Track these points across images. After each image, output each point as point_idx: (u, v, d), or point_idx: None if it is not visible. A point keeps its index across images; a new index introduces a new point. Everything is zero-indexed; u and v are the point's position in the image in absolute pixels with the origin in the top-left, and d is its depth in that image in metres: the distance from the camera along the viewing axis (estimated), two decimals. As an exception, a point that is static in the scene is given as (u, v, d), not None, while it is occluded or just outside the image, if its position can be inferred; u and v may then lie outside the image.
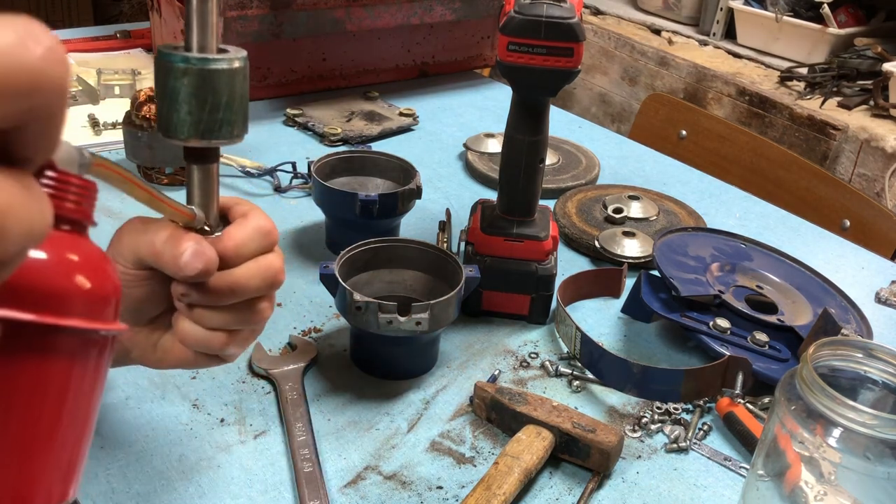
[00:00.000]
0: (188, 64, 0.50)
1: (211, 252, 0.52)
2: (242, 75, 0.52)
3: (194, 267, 0.51)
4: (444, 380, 0.84)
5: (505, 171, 0.90)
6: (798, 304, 0.94)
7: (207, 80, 0.50)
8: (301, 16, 1.37)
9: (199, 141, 0.52)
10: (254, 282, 0.54)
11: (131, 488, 0.68)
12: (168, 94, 0.51)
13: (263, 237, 0.55)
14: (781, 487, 0.65)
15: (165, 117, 0.52)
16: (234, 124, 0.52)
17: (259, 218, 0.56)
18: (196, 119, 0.51)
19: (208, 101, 0.51)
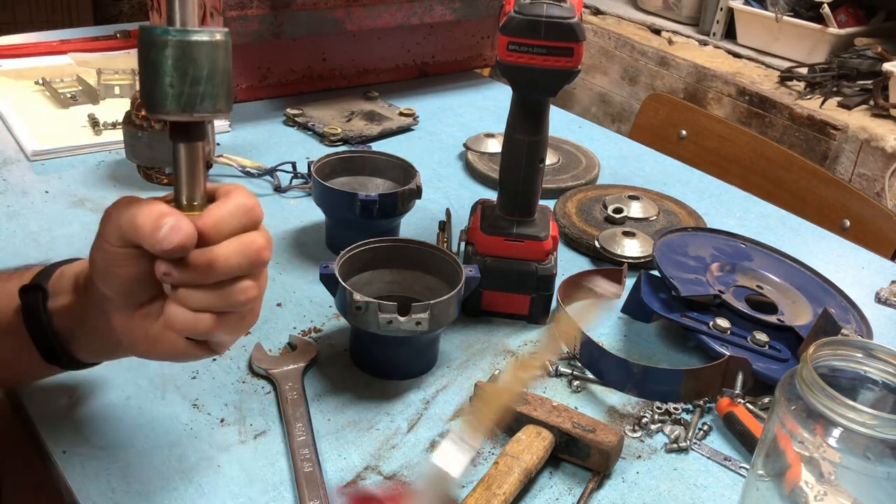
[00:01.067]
0: (169, 35, 0.50)
1: (189, 227, 0.52)
2: (224, 48, 0.52)
3: (171, 241, 0.51)
4: (444, 380, 0.84)
5: (505, 171, 0.90)
6: (798, 304, 0.94)
7: (188, 52, 0.51)
8: (301, 16, 1.37)
9: (182, 114, 0.52)
10: (234, 258, 0.54)
11: (131, 488, 0.68)
12: (150, 68, 0.51)
13: (244, 214, 0.55)
14: (781, 487, 0.65)
15: (149, 92, 0.52)
16: (216, 97, 0.52)
17: (241, 196, 0.56)
18: (178, 91, 0.51)
19: (189, 73, 0.51)
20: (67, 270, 0.64)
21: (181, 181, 0.55)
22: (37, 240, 1.01)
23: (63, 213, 1.07)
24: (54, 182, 1.14)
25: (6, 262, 0.96)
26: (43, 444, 0.72)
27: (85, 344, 0.64)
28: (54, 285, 0.63)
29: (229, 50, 0.53)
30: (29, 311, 0.63)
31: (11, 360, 0.67)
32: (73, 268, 0.64)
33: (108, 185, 1.14)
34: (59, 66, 1.48)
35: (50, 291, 0.63)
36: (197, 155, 0.55)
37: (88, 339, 0.63)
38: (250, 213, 0.55)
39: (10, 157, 1.20)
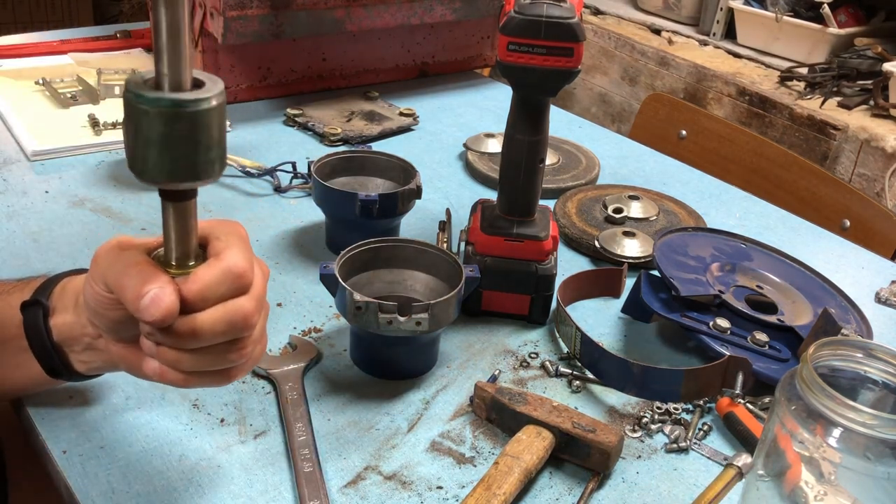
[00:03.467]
0: (160, 106, 0.46)
1: (170, 299, 0.50)
2: (219, 113, 0.48)
3: (151, 314, 0.50)
4: (444, 380, 0.84)
5: (505, 171, 0.90)
6: (798, 304, 0.94)
7: (182, 124, 0.46)
8: (301, 16, 1.37)
9: (173, 184, 0.49)
10: (218, 327, 0.52)
11: (131, 488, 0.68)
12: (137, 136, 0.47)
13: (234, 280, 0.53)
14: (781, 487, 0.65)
15: (136, 158, 0.48)
16: (212, 164, 0.49)
17: (233, 257, 0.53)
18: (170, 163, 0.47)
19: (183, 145, 0.47)
20: (70, 285, 0.63)
21: (170, 240, 0.53)
22: (37, 240, 1.01)
23: (63, 213, 1.07)
24: (54, 182, 1.14)
25: (6, 261, 0.96)
26: (43, 444, 0.72)
27: (86, 359, 0.63)
28: (56, 301, 0.63)
29: (224, 109, 0.49)
30: (30, 327, 0.62)
31: (15, 373, 0.66)
32: (75, 283, 0.63)
33: (108, 185, 1.14)
34: (59, 66, 1.48)
35: (51, 307, 0.62)
36: (188, 214, 0.52)
37: (89, 355, 0.63)
38: (240, 279, 0.53)
39: (10, 157, 1.20)
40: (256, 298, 0.54)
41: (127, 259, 0.52)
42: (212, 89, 0.48)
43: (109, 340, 0.57)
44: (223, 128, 0.49)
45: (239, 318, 0.52)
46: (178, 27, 0.46)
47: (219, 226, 0.56)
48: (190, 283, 0.52)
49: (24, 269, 0.95)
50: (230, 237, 0.54)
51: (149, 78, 0.48)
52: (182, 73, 0.47)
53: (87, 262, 0.97)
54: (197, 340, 0.52)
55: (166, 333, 0.52)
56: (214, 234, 0.55)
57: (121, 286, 0.51)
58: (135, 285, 0.51)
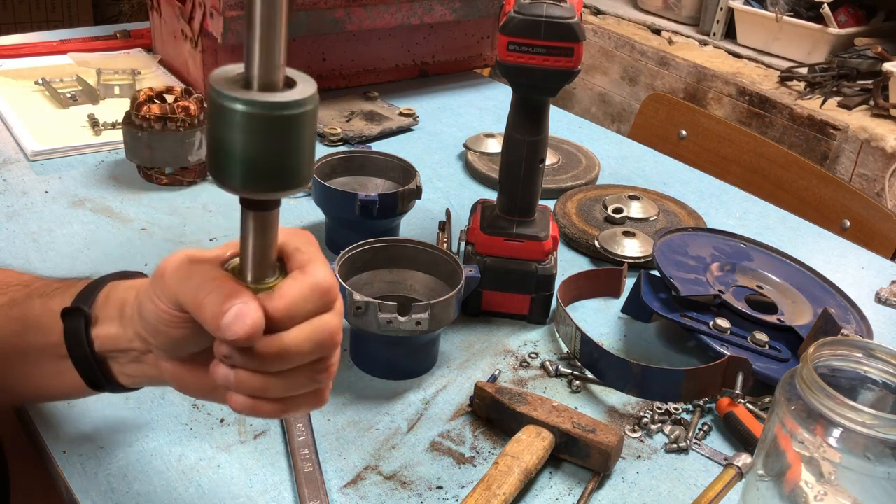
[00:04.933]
0: (251, 109, 0.41)
1: (256, 315, 0.46)
2: (313, 117, 0.44)
3: (235, 332, 0.45)
4: (444, 380, 0.84)
5: (505, 171, 0.90)
6: (798, 304, 0.94)
7: (273, 129, 0.42)
8: (301, 16, 1.37)
9: (258, 193, 0.44)
10: (306, 346, 0.48)
11: (131, 488, 0.68)
12: (222, 140, 0.42)
13: (321, 296, 0.48)
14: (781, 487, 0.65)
15: (219, 164, 0.43)
16: (301, 171, 0.44)
17: (319, 272, 0.49)
18: (256, 170, 0.43)
19: (272, 151, 0.42)
20: (114, 294, 0.58)
21: (248, 253, 0.48)
22: (37, 240, 1.01)
23: (63, 213, 1.07)
24: (54, 182, 1.14)
25: (6, 261, 0.96)
26: (43, 444, 0.72)
27: (131, 373, 0.58)
28: (99, 310, 0.57)
29: (316, 115, 0.44)
30: (71, 337, 0.57)
31: (55, 382, 0.61)
32: (119, 293, 0.58)
33: (108, 185, 1.14)
34: (59, 66, 1.48)
35: (93, 316, 0.57)
36: (270, 225, 0.47)
37: (135, 368, 0.57)
38: (326, 295, 0.49)
39: (10, 156, 1.20)
40: (340, 314, 0.51)
41: (203, 274, 0.48)
42: (306, 90, 0.43)
43: (161, 357, 0.53)
44: (314, 131, 0.45)
45: (326, 336, 0.49)
46: (274, 17, 0.41)
47: (294, 236, 0.51)
48: (276, 299, 0.47)
49: (24, 268, 0.94)
50: (311, 248, 0.50)
51: (236, 74, 0.43)
52: (275, 71, 0.43)
53: (87, 263, 0.98)
54: (283, 362, 0.48)
55: (248, 355, 0.47)
56: (293, 244, 0.50)
57: (198, 303, 0.47)
58: (215, 301, 0.46)
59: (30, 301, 0.61)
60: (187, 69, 1.43)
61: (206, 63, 1.35)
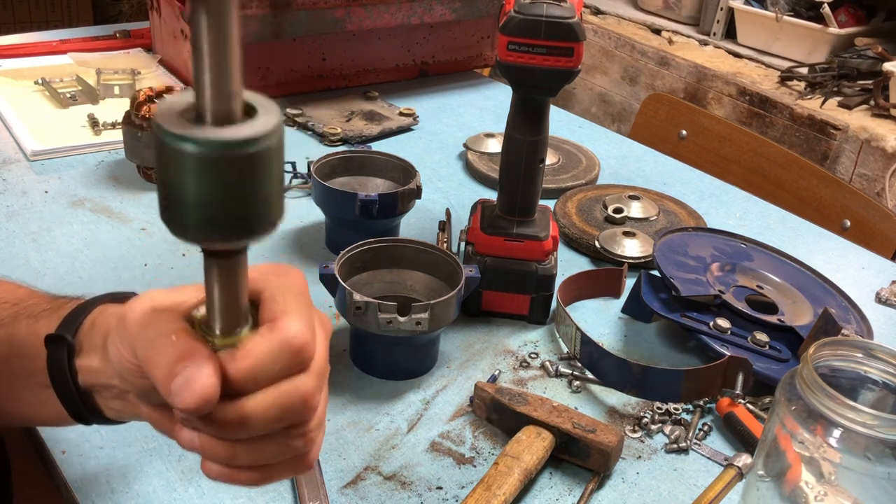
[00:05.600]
0: (203, 149, 0.34)
1: (208, 382, 0.40)
2: (278, 151, 0.37)
3: (183, 400, 0.40)
4: (444, 380, 0.84)
5: (505, 171, 0.90)
6: (798, 304, 0.94)
7: (232, 171, 0.35)
8: (301, 16, 1.37)
9: (219, 244, 0.39)
10: (271, 412, 0.42)
11: (131, 488, 0.68)
12: (173, 185, 0.36)
13: (292, 356, 0.42)
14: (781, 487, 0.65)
15: (172, 212, 0.37)
16: (269, 214, 0.38)
17: (293, 326, 0.43)
18: (215, 218, 0.36)
19: (232, 196, 0.36)
20: (100, 320, 0.53)
21: (213, 305, 0.42)
22: (36, 240, 1.01)
23: (63, 213, 1.07)
24: (54, 182, 1.14)
25: (6, 261, 0.96)
26: (43, 444, 0.72)
27: (116, 408, 0.54)
28: (84, 337, 0.53)
29: (282, 148, 0.37)
30: (54, 367, 0.53)
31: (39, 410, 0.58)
32: (105, 320, 0.53)
33: (108, 185, 1.14)
34: (59, 66, 1.48)
35: (78, 345, 0.53)
36: (236, 273, 0.41)
37: (119, 404, 0.53)
38: (299, 354, 0.43)
39: (10, 156, 1.20)
40: (317, 374, 0.44)
41: (160, 326, 0.43)
42: (268, 121, 0.36)
43: (139, 403, 0.48)
44: (282, 166, 0.38)
45: (297, 401, 0.43)
46: (225, 39, 0.35)
47: (274, 278, 0.45)
48: (238, 359, 0.42)
49: (23, 268, 0.95)
50: (287, 297, 0.44)
51: (185, 107, 0.36)
52: (231, 100, 0.35)
53: (87, 262, 0.98)
54: (244, 430, 0.42)
55: (205, 421, 0.42)
56: (268, 291, 0.44)
57: (149, 360, 0.42)
58: (166, 363, 0.41)
59: (16, 322, 0.57)
60: (187, 69, 1.43)
61: (206, 63, 1.35)
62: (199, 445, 0.44)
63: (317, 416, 0.46)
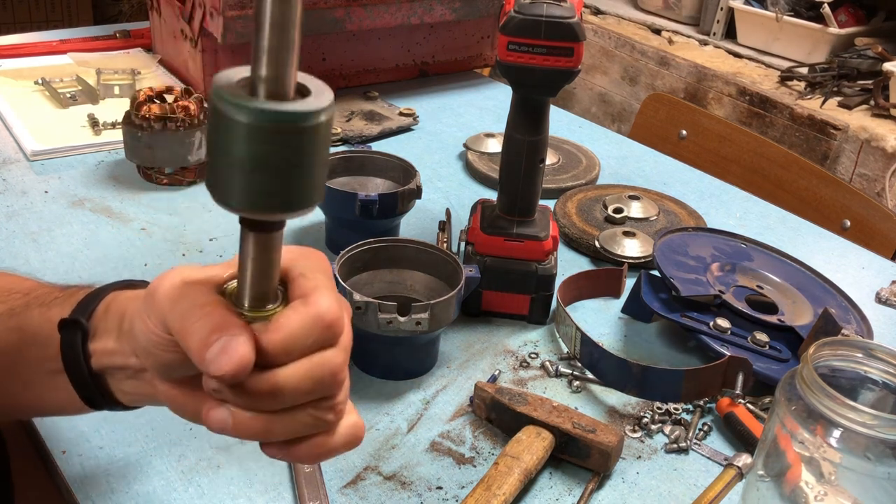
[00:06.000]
0: (257, 118, 0.36)
1: (244, 350, 0.41)
2: (327, 129, 0.38)
3: (219, 368, 0.41)
4: (444, 380, 0.84)
5: (505, 171, 0.90)
6: (798, 304, 0.94)
7: (282, 143, 0.37)
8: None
9: (262, 214, 0.40)
10: (303, 385, 0.43)
11: (131, 488, 0.68)
12: (223, 153, 0.37)
13: (323, 329, 0.44)
14: (781, 487, 0.65)
15: (218, 180, 0.38)
16: (312, 191, 0.39)
17: (324, 301, 0.44)
18: (261, 188, 0.38)
19: (280, 168, 0.37)
20: (114, 305, 0.54)
21: (246, 278, 0.43)
22: (36, 240, 1.01)
23: (63, 213, 1.07)
24: (54, 182, 1.14)
25: (6, 261, 0.96)
26: (43, 444, 0.72)
27: (129, 390, 0.54)
28: (98, 322, 0.54)
29: (331, 127, 0.39)
30: (67, 351, 0.54)
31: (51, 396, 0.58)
32: (119, 304, 0.54)
33: (108, 185, 1.14)
34: (59, 66, 1.48)
35: (92, 329, 0.54)
36: (273, 248, 0.42)
37: (132, 386, 0.54)
38: (330, 329, 0.44)
39: (10, 156, 1.20)
40: (345, 350, 0.46)
41: (193, 298, 0.44)
42: (321, 100, 0.38)
43: (155, 377, 0.49)
44: (328, 146, 0.39)
45: (327, 373, 0.44)
46: (287, 17, 0.36)
47: (301, 258, 0.47)
48: (271, 331, 0.43)
49: (23, 268, 0.95)
50: (317, 275, 0.46)
51: (242, 79, 0.38)
52: (286, 77, 0.37)
53: (87, 262, 0.98)
54: (277, 401, 0.44)
55: (238, 391, 0.43)
56: (298, 268, 0.46)
57: (184, 331, 0.43)
58: (201, 332, 0.42)
59: (28, 311, 0.58)
60: (187, 69, 1.43)
61: (206, 63, 1.35)
62: (231, 424, 0.44)
63: (344, 391, 0.47)
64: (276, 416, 0.45)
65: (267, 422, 0.45)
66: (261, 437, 0.45)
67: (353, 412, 0.49)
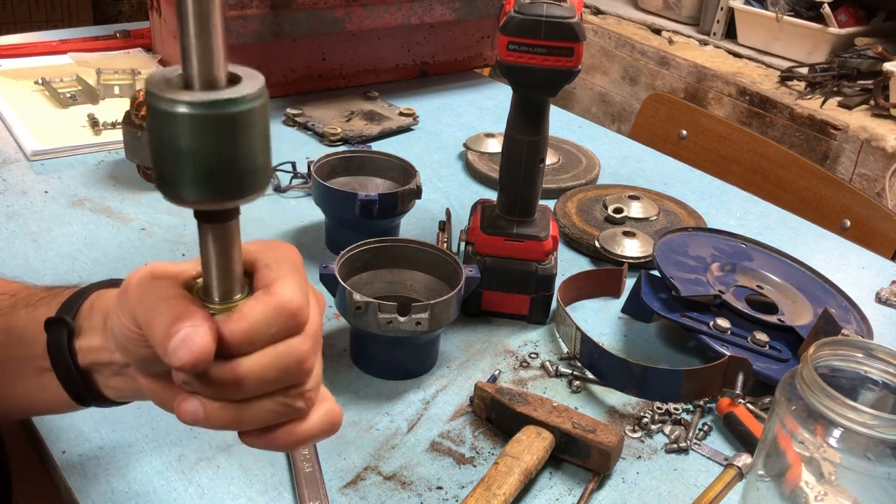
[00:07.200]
0: (191, 109, 0.38)
1: (203, 341, 0.42)
2: (262, 113, 0.40)
3: (179, 358, 0.42)
4: (444, 380, 0.84)
5: (505, 171, 0.90)
6: (798, 304, 0.94)
7: (220, 129, 0.38)
8: (301, 16, 1.37)
9: (213, 203, 0.41)
10: (268, 373, 0.44)
11: (131, 488, 0.68)
12: (164, 147, 0.39)
13: (287, 318, 0.44)
14: (782, 487, 0.65)
15: (164, 175, 0.40)
16: (256, 175, 0.40)
17: (287, 290, 0.44)
18: (206, 179, 0.39)
19: (222, 155, 0.39)
20: (98, 303, 0.55)
21: (210, 270, 0.44)
22: (36, 240, 1.01)
23: (63, 212, 1.07)
24: (54, 182, 1.14)
25: (6, 261, 0.96)
26: (43, 444, 0.72)
27: (116, 386, 0.55)
28: (84, 320, 0.55)
29: (267, 110, 0.40)
30: (54, 349, 0.55)
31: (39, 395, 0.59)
32: (104, 301, 0.55)
33: (108, 185, 1.14)
34: (59, 66, 1.48)
35: (77, 327, 0.55)
36: (230, 238, 0.43)
37: (119, 381, 0.55)
38: (294, 317, 0.44)
39: (10, 156, 1.20)
40: (312, 338, 0.46)
41: (159, 291, 0.45)
42: (252, 85, 0.39)
43: (138, 375, 0.50)
44: (267, 130, 0.41)
45: (292, 361, 0.44)
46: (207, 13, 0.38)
47: (268, 250, 0.47)
48: (234, 321, 0.43)
49: (23, 268, 0.95)
50: (282, 265, 0.46)
51: (174, 75, 0.40)
52: (215, 67, 0.39)
53: (87, 262, 0.98)
54: (242, 390, 0.44)
55: (203, 382, 0.44)
56: (263, 260, 0.47)
57: (149, 323, 0.44)
58: (164, 323, 0.43)
59: (15, 311, 0.59)
60: (187, 69, 1.43)
61: (206, 63, 1.35)
62: (202, 415, 0.45)
63: (313, 378, 0.47)
64: (245, 406, 0.45)
65: (236, 411, 0.45)
66: (232, 427, 0.46)
67: (329, 399, 0.50)
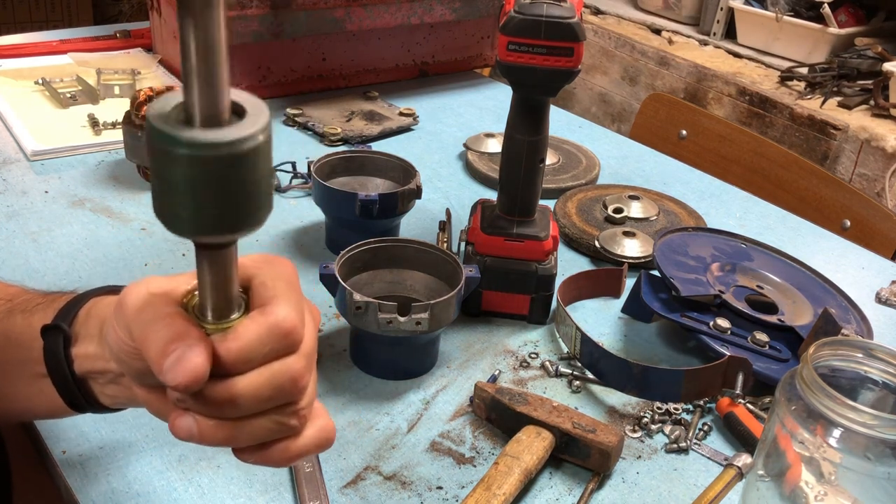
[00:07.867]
0: (192, 151, 0.36)
1: (198, 360, 0.42)
2: (266, 150, 0.39)
3: (174, 378, 0.42)
4: (444, 380, 0.84)
5: (505, 171, 0.90)
6: (798, 304, 0.94)
7: (222, 170, 0.37)
8: (301, 16, 1.37)
9: (211, 237, 0.41)
10: (262, 392, 0.44)
11: (131, 488, 0.68)
12: (165, 182, 0.38)
13: (281, 338, 0.45)
14: (781, 487, 0.65)
15: (164, 208, 0.39)
16: (257, 210, 0.40)
17: (282, 310, 0.45)
18: (207, 215, 0.38)
19: (223, 194, 0.38)
20: (95, 310, 0.55)
21: (206, 292, 0.44)
22: (36, 240, 1.01)
23: (63, 212, 1.07)
24: (54, 182, 1.14)
25: (6, 261, 0.96)
26: (43, 444, 0.72)
27: (111, 393, 0.55)
28: (80, 327, 0.55)
29: (271, 144, 0.39)
30: (50, 356, 0.55)
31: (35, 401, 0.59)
32: (100, 309, 0.55)
33: (108, 185, 1.14)
34: (59, 66, 1.48)
35: (73, 334, 0.55)
36: (226, 263, 0.43)
37: (114, 389, 0.55)
38: (288, 337, 0.45)
39: (10, 156, 1.20)
40: (306, 356, 0.46)
41: (155, 310, 0.45)
42: (256, 121, 0.38)
43: (132, 383, 0.50)
44: (270, 165, 0.40)
45: (286, 380, 0.45)
46: (212, 46, 0.36)
47: (265, 265, 0.47)
48: (228, 341, 0.44)
49: (23, 268, 0.95)
50: (277, 283, 0.46)
51: (175, 107, 0.38)
52: (218, 103, 0.37)
53: (87, 263, 0.98)
54: (236, 409, 0.44)
55: (199, 400, 0.44)
56: (259, 277, 0.47)
57: (145, 341, 0.44)
58: (160, 342, 0.43)
59: (11, 317, 0.59)
60: (187, 69, 1.43)
61: (206, 63, 1.35)
62: (196, 432, 0.45)
63: (307, 396, 0.48)
64: (240, 424, 0.45)
65: (231, 429, 0.45)
66: (226, 444, 0.46)
67: (324, 415, 0.50)
